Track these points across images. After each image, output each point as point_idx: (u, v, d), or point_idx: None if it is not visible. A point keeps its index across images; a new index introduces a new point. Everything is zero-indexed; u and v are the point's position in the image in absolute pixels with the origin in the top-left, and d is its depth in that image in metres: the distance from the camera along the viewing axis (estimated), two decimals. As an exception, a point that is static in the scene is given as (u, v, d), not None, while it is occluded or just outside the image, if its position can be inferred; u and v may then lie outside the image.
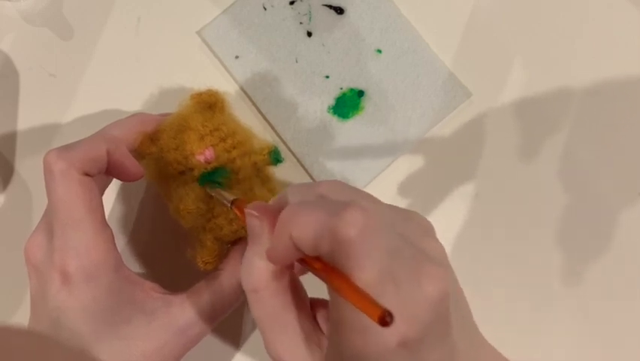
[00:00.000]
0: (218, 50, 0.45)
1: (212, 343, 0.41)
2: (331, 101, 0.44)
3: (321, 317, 0.31)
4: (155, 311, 0.34)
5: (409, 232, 0.29)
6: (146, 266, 0.42)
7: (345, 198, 0.28)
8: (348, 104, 0.44)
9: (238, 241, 0.38)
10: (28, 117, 0.44)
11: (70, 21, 0.46)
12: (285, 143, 0.44)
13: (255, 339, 0.42)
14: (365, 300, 0.24)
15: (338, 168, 0.43)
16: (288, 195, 0.30)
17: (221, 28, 0.45)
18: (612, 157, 0.44)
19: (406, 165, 0.44)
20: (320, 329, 0.31)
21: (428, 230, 0.30)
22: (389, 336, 0.26)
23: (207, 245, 0.37)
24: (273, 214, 0.29)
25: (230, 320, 0.42)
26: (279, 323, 0.30)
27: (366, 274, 0.25)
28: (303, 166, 0.44)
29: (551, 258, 0.43)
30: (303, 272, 0.33)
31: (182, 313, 0.35)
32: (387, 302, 0.24)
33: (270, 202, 0.31)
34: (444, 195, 0.44)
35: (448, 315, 0.28)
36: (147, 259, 0.42)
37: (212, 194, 0.36)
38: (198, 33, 0.45)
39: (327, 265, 0.27)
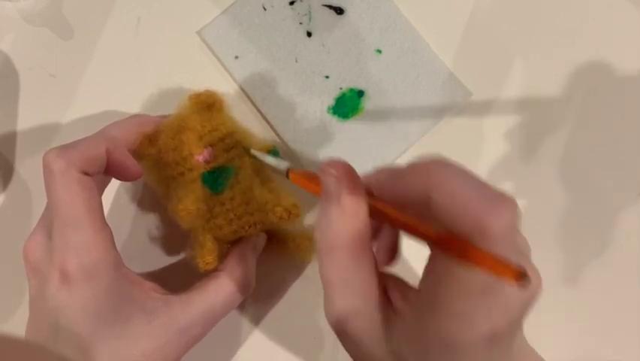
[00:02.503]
0: (218, 50, 0.45)
1: (213, 342, 0.41)
2: (331, 101, 0.44)
3: (392, 290, 0.30)
4: (154, 311, 0.34)
5: None
6: (145, 266, 0.42)
7: None
8: (348, 104, 0.44)
9: (237, 241, 0.38)
10: (28, 117, 0.44)
11: (70, 21, 0.46)
12: (284, 143, 0.44)
13: (255, 339, 0.42)
14: (500, 262, 0.24)
15: (338, 168, 0.43)
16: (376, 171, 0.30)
17: (221, 28, 0.45)
18: (612, 157, 0.44)
19: (406, 165, 0.44)
20: (390, 302, 0.30)
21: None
22: (484, 326, 0.26)
23: (207, 245, 0.37)
24: (352, 173, 0.29)
25: (230, 319, 0.42)
26: (350, 286, 0.29)
27: None
28: (302, 166, 0.44)
29: (551, 258, 0.43)
30: (392, 259, 0.33)
31: (182, 313, 0.35)
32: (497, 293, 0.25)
33: None
34: (444, 195, 0.44)
35: (524, 317, 0.28)
36: (146, 259, 0.42)
37: (265, 161, 0.36)
38: (198, 33, 0.45)
39: (449, 235, 0.26)
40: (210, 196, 0.37)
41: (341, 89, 0.44)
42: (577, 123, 0.45)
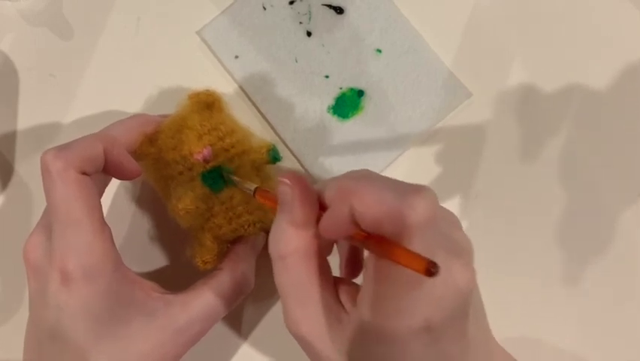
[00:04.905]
0: (218, 50, 0.45)
1: (213, 342, 0.41)
2: (331, 101, 0.44)
3: (343, 293, 0.31)
4: (154, 311, 0.34)
5: (441, 220, 0.29)
6: (144, 266, 0.42)
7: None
8: (347, 104, 0.44)
9: (237, 240, 0.38)
10: (27, 117, 0.44)
11: (70, 21, 0.46)
12: (284, 143, 0.44)
13: (254, 338, 0.42)
14: (412, 256, 0.25)
15: (337, 168, 0.43)
16: (325, 182, 0.31)
17: (221, 28, 0.45)
18: (612, 157, 0.44)
19: (406, 165, 0.44)
20: (341, 304, 0.31)
21: (456, 221, 0.31)
22: (416, 317, 0.27)
23: (206, 244, 0.37)
24: (304, 184, 0.30)
25: (230, 318, 0.42)
26: (303, 292, 0.30)
27: None
28: (302, 166, 0.44)
29: (551, 258, 0.43)
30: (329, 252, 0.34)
31: (181, 313, 0.35)
32: (424, 285, 0.26)
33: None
34: (444, 195, 0.44)
35: (468, 308, 0.28)
36: (146, 259, 0.42)
37: (236, 184, 0.36)
38: (198, 33, 0.45)
39: (372, 235, 0.28)
40: (210, 195, 0.37)
41: (341, 88, 0.44)
42: (577, 123, 0.45)
